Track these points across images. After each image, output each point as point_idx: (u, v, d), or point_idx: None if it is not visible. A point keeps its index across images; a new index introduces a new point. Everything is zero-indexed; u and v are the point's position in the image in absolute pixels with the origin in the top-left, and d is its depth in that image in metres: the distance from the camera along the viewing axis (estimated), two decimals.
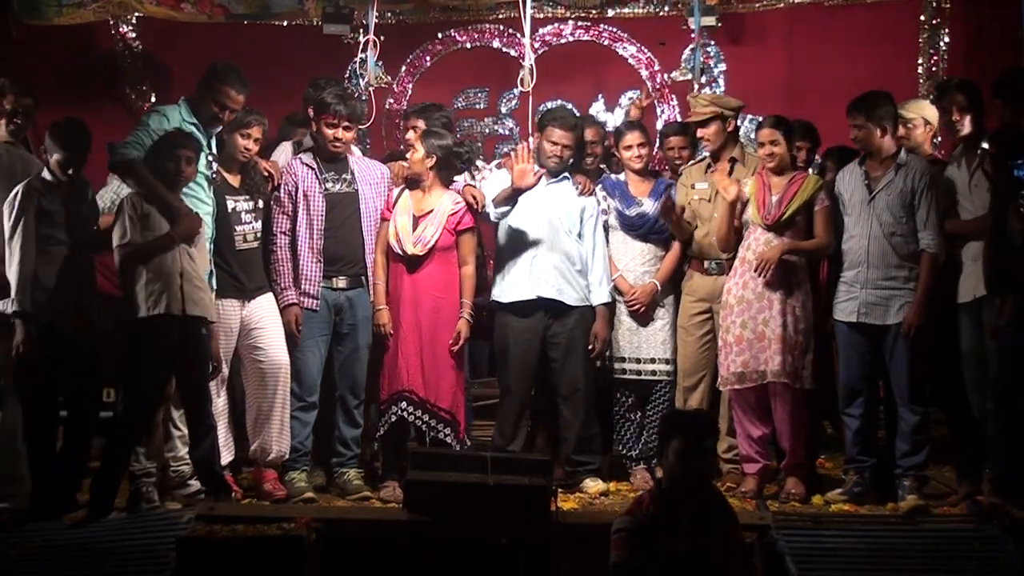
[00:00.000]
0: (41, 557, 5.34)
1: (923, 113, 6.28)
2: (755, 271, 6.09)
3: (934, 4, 7.87)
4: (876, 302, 5.97)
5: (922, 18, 7.90)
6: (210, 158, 6.15)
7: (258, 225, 6.30)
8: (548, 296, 6.42)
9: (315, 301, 6.27)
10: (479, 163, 6.92)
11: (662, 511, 4.51)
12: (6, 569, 5.28)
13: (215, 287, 6.09)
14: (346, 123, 6.31)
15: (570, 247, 6.49)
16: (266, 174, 6.33)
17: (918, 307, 5.84)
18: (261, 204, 6.32)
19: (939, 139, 6.89)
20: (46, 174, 5.86)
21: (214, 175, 6.16)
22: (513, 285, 6.46)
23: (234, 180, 6.28)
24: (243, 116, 6.20)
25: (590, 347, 6.48)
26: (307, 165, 6.34)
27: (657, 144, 7.15)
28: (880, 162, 6.01)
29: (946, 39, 7.86)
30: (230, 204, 6.22)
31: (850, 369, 6.11)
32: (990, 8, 7.67)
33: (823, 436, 6.90)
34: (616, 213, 6.58)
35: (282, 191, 6.30)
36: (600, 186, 6.61)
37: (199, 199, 6.04)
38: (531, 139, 7.29)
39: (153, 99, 8.26)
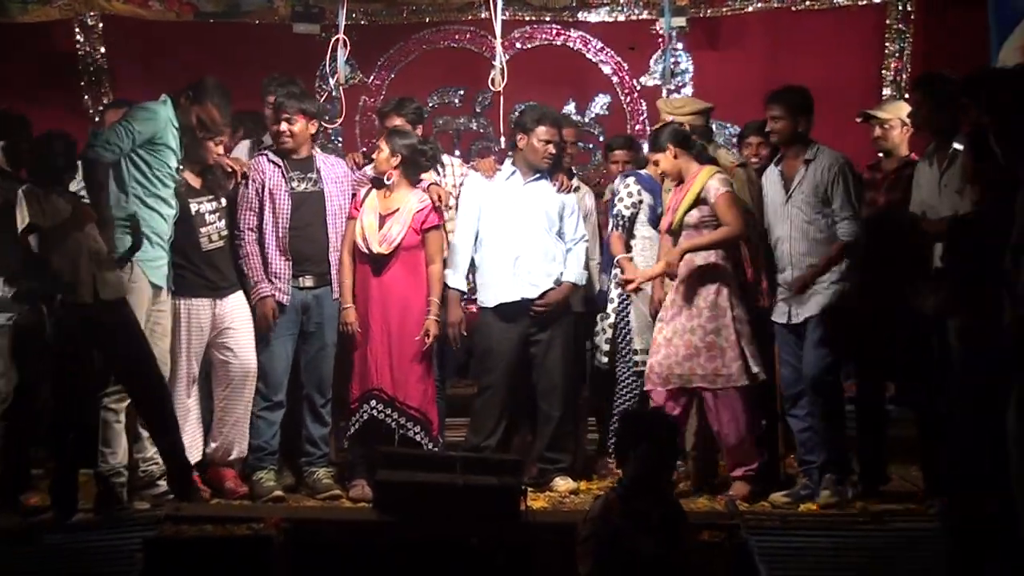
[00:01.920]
0: (5, 559, 5.28)
1: (899, 114, 6.31)
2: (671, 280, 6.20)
3: (900, 8, 7.93)
4: (803, 302, 6.01)
5: (888, 22, 7.96)
6: (180, 164, 6.11)
7: (222, 224, 6.27)
8: (531, 297, 6.44)
9: (286, 296, 6.26)
10: (445, 159, 6.90)
11: (630, 512, 4.49)
12: None
13: (172, 287, 6.06)
14: (285, 115, 6.28)
15: (551, 246, 6.51)
16: (229, 170, 6.31)
17: (802, 281, 5.92)
18: (224, 202, 6.30)
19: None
20: None
21: (180, 181, 6.12)
22: (496, 287, 6.47)
23: (195, 181, 6.25)
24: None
25: (539, 305, 6.46)
26: (273, 163, 6.33)
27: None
28: (795, 160, 6.06)
29: (911, 43, 7.91)
30: (193, 207, 6.19)
31: (786, 370, 6.16)
32: (956, 13, 7.73)
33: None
34: (647, 208, 6.56)
35: (249, 188, 6.28)
36: (635, 178, 6.59)
37: (165, 201, 6.00)
38: (502, 139, 7.33)
39: (107, 101, 8.15)
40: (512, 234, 6.47)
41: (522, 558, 5.28)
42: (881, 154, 6.34)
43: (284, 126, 6.30)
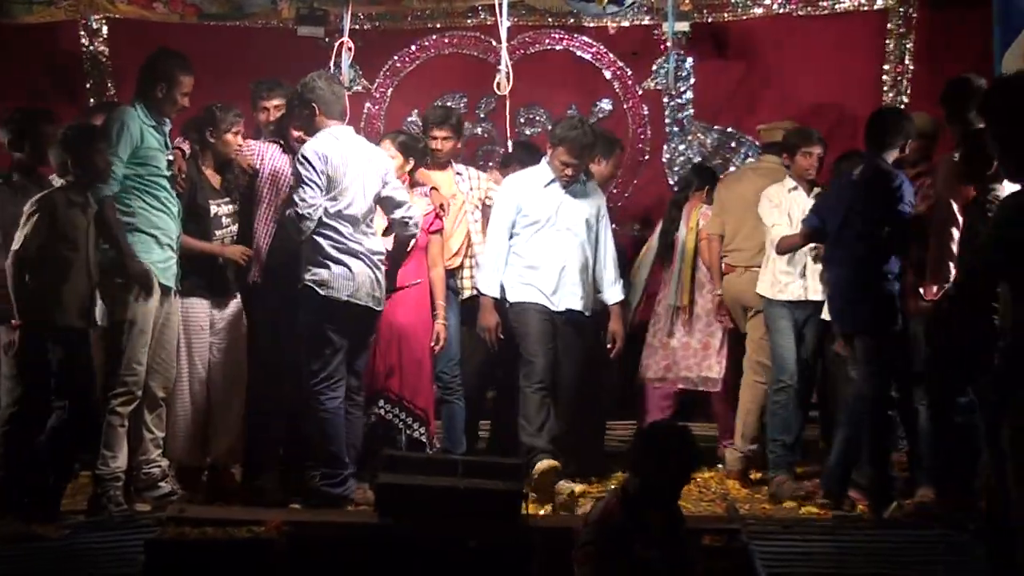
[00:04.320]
0: (7, 559, 5.28)
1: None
2: None
3: (901, 12, 7.93)
4: None
5: (889, 27, 7.96)
6: (169, 157, 6.08)
7: (235, 228, 6.29)
8: (576, 309, 6.56)
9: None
10: (462, 168, 7.02)
11: (633, 519, 4.43)
12: None
13: (179, 288, 6.07)
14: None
15: (589, 256, 6.64)
16: (250, 170, 6.33)
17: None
18: (238, 205, 6.31)
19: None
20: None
21: (178, 175, 6.12)
22: (539, 294, 6.52)
23: (215, 180, 6.27)
24: (228, 116, 6.21)
25: (609, 345, 6.66)
26: (284, 154, 6.36)
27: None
28: None
29: (912, 48, 7.91)
30: (213, 208, 6.21)
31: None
32: (958, 18, 7.73)
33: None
34: None
35: (261, 182, 6.35)
36: None
37: (168, 198, 5.99)
38: (509, 143, 7.34)
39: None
40: (560, 247, 6.57)
41: (521, 562, 5.28)
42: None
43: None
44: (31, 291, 5.51)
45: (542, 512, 6.03)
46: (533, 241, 6.55)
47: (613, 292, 6.72)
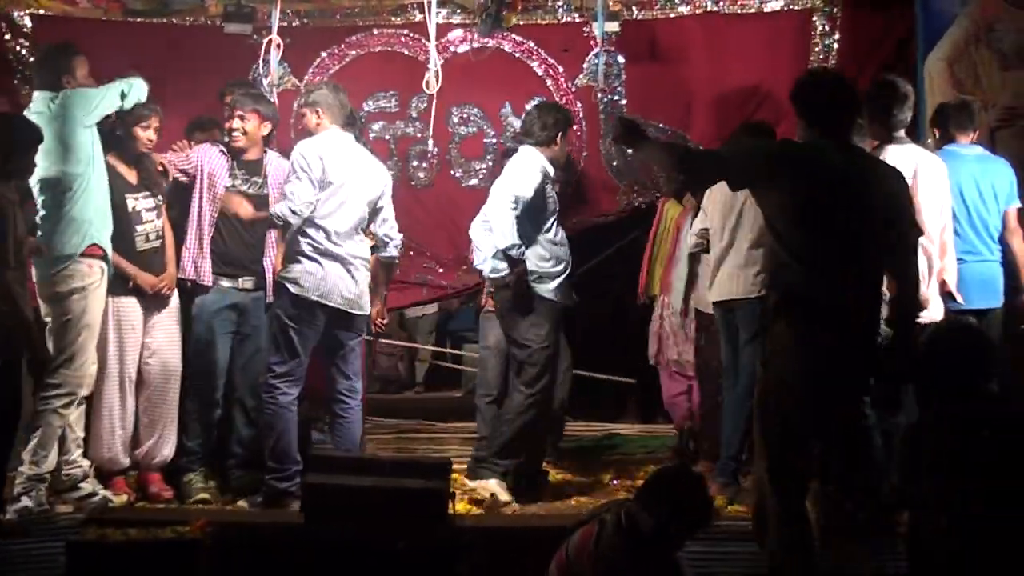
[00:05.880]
0: None
1: None
2: None
3: (825, 11, 8.02)
4: None
5: (815, 22, 8.05)
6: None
7: (159, 223, 6.24)
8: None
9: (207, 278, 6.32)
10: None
11: (638, 558, 4.30)
12: None
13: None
14: (240, 112, 6.29)
15: None
16: (161, 168, 6.27)
17: None
18: (161, 199, 6.25)
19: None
20: None
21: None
22: (559, 290, 6.58)
23: (130, 175, 6.20)
24: (139, 110, 6.15)
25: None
26: (221, 152, 6.35)
27: None
28: None
29: (836, 46, 8.00)
30: (130, 203, 6.15)
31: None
32: (881, 17, 7.83)
33: None
34: None
35: (198, 175, 6.31)
36: None
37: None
38: (430, 142, 7.32)
39: None
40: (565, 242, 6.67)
41: (450, 562, 5.28)
42: None
43: (237, 123, 6.31)
44: None
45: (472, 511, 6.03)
46: (556, 238, 6.70)
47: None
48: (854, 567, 4.65)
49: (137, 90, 6.10)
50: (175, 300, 6.30)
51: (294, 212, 5.93)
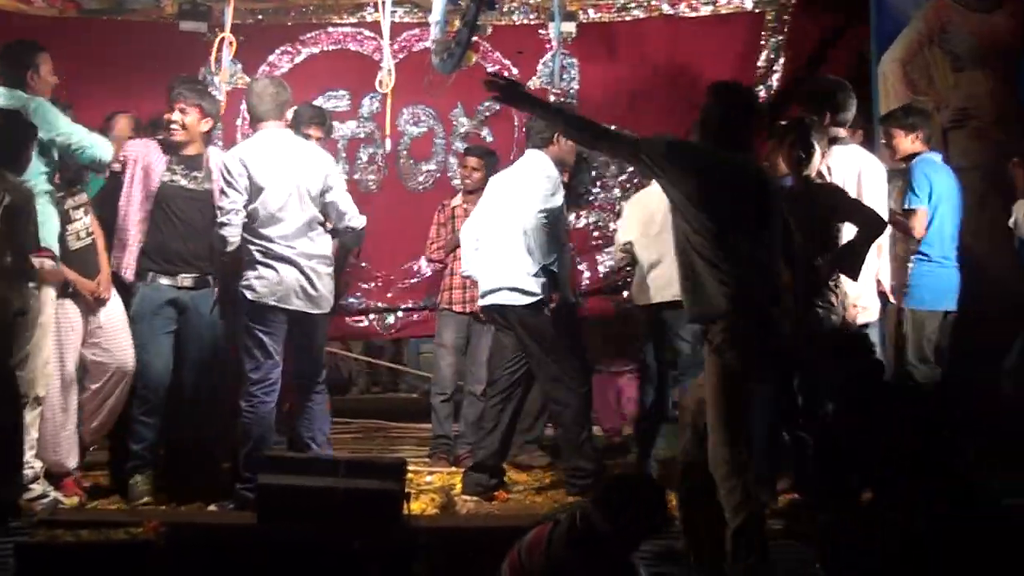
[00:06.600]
0: None
1: None
2: None
3: (774, 14, 8.10)
4: None
5: (768, 18, 8.13)
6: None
7: (88, 220, 6.16)
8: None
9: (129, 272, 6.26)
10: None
11: (590, 561, 4.30)
12: None
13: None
14: (180, 105, 6.21)
15: None
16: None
17: None
18: (86, 196, 6.20)
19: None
20: None
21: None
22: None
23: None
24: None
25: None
26: (160, 146, 6.28)
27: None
28: None
29: (784, 48, 8.09)
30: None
31: None
32: (830, 19, 7.92)
33: None
34: None
35: (129, 165, 6.23)
36: None
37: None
38: (387, 142, 7.31)
39: None
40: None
41: (405, 562, 5.28)
42: None
43: (177, 115, 6.22)
44: None
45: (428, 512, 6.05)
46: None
47: None
48: None
49: (102, 152, 6.04)
50: (117, 301, 6.23)
51: (222, 223, 5.93)
